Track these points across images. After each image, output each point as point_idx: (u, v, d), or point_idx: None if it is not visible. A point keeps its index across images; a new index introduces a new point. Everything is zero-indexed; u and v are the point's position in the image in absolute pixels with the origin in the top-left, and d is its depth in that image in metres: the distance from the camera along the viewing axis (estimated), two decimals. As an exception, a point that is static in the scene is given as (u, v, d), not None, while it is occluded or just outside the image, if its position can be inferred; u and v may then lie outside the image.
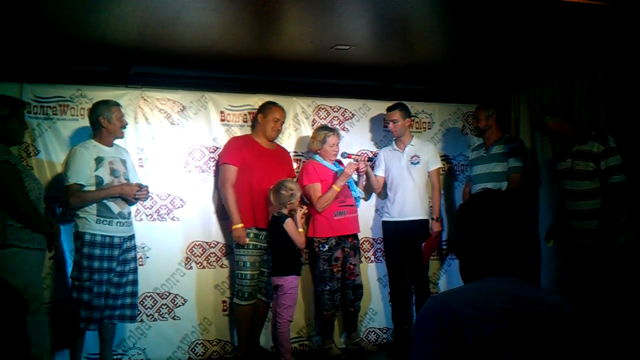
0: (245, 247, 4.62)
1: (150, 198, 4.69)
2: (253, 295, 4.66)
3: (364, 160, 5.01)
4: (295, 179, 4.90)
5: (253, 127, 5.01)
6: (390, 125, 5.07)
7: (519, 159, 4.88)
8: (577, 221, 4.19)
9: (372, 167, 5.20)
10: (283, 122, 4.93)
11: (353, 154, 5.09)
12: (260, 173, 4.69)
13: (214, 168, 4.98)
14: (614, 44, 4.42)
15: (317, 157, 4.92)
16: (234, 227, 4.59)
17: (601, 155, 3.99)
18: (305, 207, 4.71)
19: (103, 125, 4.20)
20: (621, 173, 3.98)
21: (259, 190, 4.66)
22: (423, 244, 4.99)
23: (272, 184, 4.56)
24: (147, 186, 4.30)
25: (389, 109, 5.08)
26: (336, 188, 4.78)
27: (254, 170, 4.69)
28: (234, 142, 4.85)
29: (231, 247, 4.82)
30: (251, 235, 4.63)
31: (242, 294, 4.63)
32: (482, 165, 5.05)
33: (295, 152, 5.27)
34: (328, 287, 4.78)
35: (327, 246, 4.80)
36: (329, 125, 5.20)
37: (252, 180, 4.67)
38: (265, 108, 4.86)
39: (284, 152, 5.06)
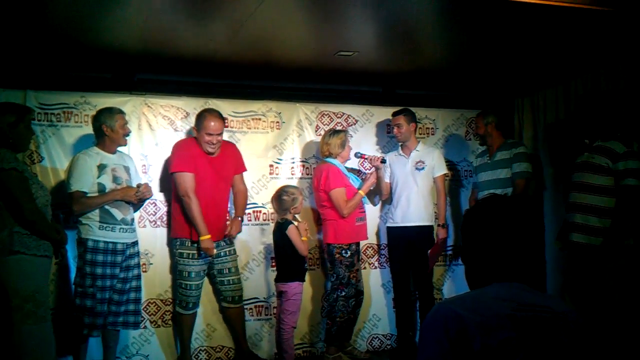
0: (191, 257, 4.48)
1: (154, 204, 4.72)
2: (197, 304, 4.60)
3: (378, 160, 4.97)
4: (292, 184, 4.88)
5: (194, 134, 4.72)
6: (395, 130, 5.07)
7: (523, 164, 4.87)
8: (571, 213, 4.17)
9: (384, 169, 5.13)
10: (221, 133, 4.51)
11: (366, 154, 5.07)
12: (208, 184, 4.51)
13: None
14: (617, 49, 4.42)
15: (336, 162, 4.82)
16: (201, 238, 4.39)
17: (622, 155, 3.95)
18: (305, 221, 4.66)
19: (106, 133, 4.20)
20: (636, 178, 3.96)
21: (209, 202, 4.51)
22: (429, 250, 4.97)
23: (219, 194, 4.53)
24: (145, 183, 4.30)
25: (394, 114, 5.07)
26: (362, 193, 4.78)
27: (204, 181, 4.49)
28: (183, 148, 4.55)
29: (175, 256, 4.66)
30: (196, 245, 4.48)
31: (187, 304, 4.52)
32: (487, 172, 5.04)
33: (298, 158, 5.26)
34: (344, 293, 4.73)
35: (349, 252, 4.75)
36: (336, 128, 5.14)
37: (202, 192, 4.47)
38: (199, 120, 4.51)
39: (229, 151, 4.73)
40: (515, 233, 1.65)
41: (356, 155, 5.05)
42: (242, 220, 4.76)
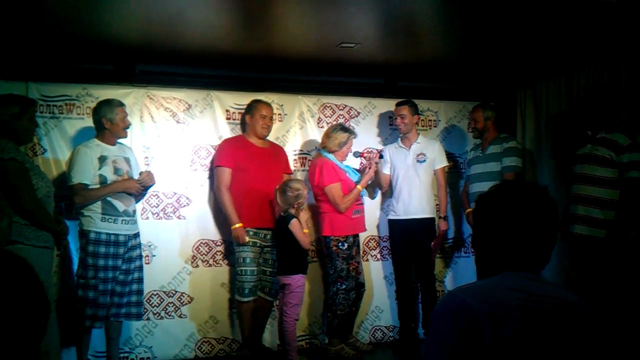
0: (244, 244, 4.60)
1: (156, 196, 4.72)
2: (253, 291, 4.65)
3: (376, 156, 4.97)
4: (295, 177, 4.87)
5: (243, 127, 4.97)
6: (398, 120, 5.05)
7: (514, 158, 4.89)
8: (574, 205, 4.17)
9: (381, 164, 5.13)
10: (272, 117, 4.86)
11: (364, 152, 5.06)
12: (254, 173, 4.66)
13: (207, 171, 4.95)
14: (620, 41, 4.40)
15: (332, 157, 4.81)
16: (232, 227, 4.58)
17: (627, 148, 3.93)
18: (306, 211, 4.67)
19: (106, 126, 4.20)
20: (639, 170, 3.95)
21: (256, 190, 4.65)
22: (432, 242, 4.97)
23: (268, 183, 4.55)
24: (147, 170, 4.32)
25: (398, 104, 5.06)
26: (360, 188, 4.78)
27: (248, 170, 4.66)
28: (226, 144, 4.83)
29: (232, 245, 4.78)
30: (251, 233, 4.62)
31: (243, 290, 4.61)
32: (479, 165, 5.07)
33: (300, 150, 5.26)
34: (344, 286, 4.72)
35: (346, 244, 4.74)
36: (346, 125, 5.09)
37: (248, 181, 4.64)
38: (251, 107, 4.82)
39: (279, 149, 5.02)
40: (530, 222, 1.61)
41: (355, 154, 5.05)
42: None
